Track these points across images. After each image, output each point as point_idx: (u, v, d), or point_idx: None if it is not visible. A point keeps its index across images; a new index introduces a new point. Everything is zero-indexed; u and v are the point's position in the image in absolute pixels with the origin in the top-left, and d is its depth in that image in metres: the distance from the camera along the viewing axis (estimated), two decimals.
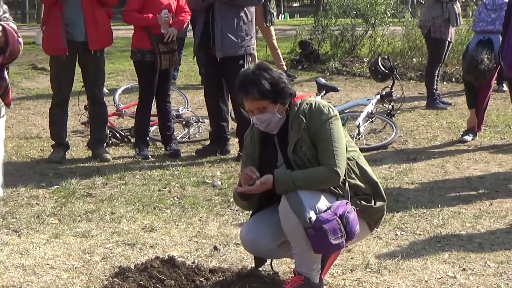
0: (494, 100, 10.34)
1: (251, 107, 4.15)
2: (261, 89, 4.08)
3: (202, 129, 8.85)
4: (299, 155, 4.09)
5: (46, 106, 10.04)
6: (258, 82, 4.09)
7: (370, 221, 4.35)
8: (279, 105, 4.14)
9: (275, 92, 4.11)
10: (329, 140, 4.07)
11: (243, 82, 4.13)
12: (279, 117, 4.16)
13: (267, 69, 4.18)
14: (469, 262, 4.81)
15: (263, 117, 4.14)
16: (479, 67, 7.69)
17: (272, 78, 4.13)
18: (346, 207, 4.04)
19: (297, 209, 3.96)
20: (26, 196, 6.36)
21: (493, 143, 8.26)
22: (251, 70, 4.18)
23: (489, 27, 8.11)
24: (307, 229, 3.95)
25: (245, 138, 4.41)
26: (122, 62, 14.22)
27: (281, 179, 4.05)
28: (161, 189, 6.62)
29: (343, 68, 13.62)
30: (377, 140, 8.50)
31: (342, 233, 3.98)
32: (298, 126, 4.08)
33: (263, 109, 4.12)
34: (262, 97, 4.09)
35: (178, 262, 4.55)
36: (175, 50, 7.68)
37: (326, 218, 3.94)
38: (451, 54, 11.76)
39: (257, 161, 4.27)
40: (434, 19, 10.25)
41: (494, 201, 6.18)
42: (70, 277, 4.56)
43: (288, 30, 18.02)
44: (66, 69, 7.45)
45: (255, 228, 4.27)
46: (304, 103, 4.16)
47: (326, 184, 4.10)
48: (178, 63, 7.97)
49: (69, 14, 7.28)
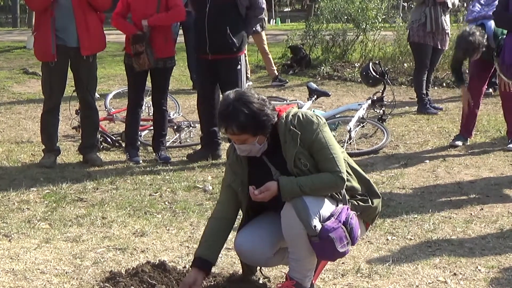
0: (485, 105, 10.36)
1: (232, 138, 4.12)
2: (240, 124, 3.98)
3: (193, 133, 8.85)
4: (299, 167, 4.07)
5: (37, 110, 10.04)
6: (237, 117, 3.97)
7: (367, 220, 4.38)
8: (259, 136, 4.08)
9: (255, 126, 4.02)
10: (327, 148, 4.07)
11: (223, 114, 4.02)
12: (259, 146, 4.11)
13: (247, 101, 4.01)
14: (460, 267, 4.82)
15: (243, 147, 4.11)
16: (470, 38, 7.66)
17: (252, 112, 3.98)
18: (348, 213, 4.06)
19: (303, 216, 3.95)
20: (16, 201, 6.34)
21: (484, 148, 8.27)
22: (230, 100, 4.02)
23: (481, 14, 8.10)
24: (312, 237, 3.96)
25: (228, 157, 4.36)
26: (113, 67, 14.21)
27: (288, 185, 4.02)
28: (152, 194, 6.61)
29: (334, 73, 13.63)
30: (368, 145, 8.51)
31: (348, 240, 4.02)
32: (293, 139, 4.05)
33: (243, 141, 4.08)
34: (240, 132, 4.01)
35: (169, 267, 4.55)
36: (139, 53, 7.50)
37: (332, 227, 3.95)
38: (442, 59, 11.76)
39: (247, 179, 4.22)
40: (413, 23, 10.34)
41: (485, 206, 6.19)
42: (61, 282, 4.55)
43: (280, 35, 18.04)
44: (57, 74, 7.42)
45: (251, 237, 4.23)
46: (289, 115, 4.12)
47: (332, 190, 4.11)
48: (148, 65, 7.53)
49: (61, 20, 7.26)
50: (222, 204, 4.35)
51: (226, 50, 7.62)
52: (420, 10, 10.23)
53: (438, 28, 10.19)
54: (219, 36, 7.54)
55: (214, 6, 7.53)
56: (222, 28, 7.55)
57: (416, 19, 10.26)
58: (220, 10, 7.54)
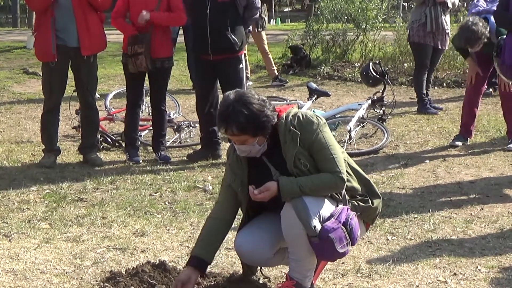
0: (485, 105, 10.37)
1: (231, 138, 4.13)
2: (240, 125, 3.98)
3: (193, 133, 8.85)
4: (299, 167, 4.06)
5: (37, 110, 10.04)
6: (237, 118, 3.97)
7: (368, 220, 4.38)
8: (259, 137, 4.08)
9: (255, 127, 4.01)
10: (327, 149, 4.07)
11: (223, 115, 4.02)
12: (259, 147, 4.12)
13: (247, 103, 4.00)
14: (460, 267, 4.82)
15: (242, 148, 4.11)
16: (473, 28, 7.63)
17: (252, 113, 3.98)
18: (348, 214, 4.06)
19: (303, 217, 3.95)
20: (17, 201, 6.34)
21: (484, 148, 8.27)
22: (230, 101, 4.02)
23: (485, 8, 8.08)
24: (312, 237, 3.95)
25: (228, 157, 4.37)
26: (113, 67, 14.20)
27: (287, 185, 4.02)
28: (152, 194, 6.61)
29: (334, 73, 13.62)
30: (368, 145, 8.51)
31: (348, 241, 4.02)
32: (293, 139, 4.05)
33: (243, 142, 4.08)
34: (240, 133, 4.02)
35: (169, 267, 4.55)
36: (138, 53, 7.48)
37: (331, 227, 3.95)
38: (442, 59, 11.76)
39: (246, 180, 4.22)
40: (413, 23, 10.34)
41: (485, 206, 6.19)
42: (61, 282, 4.55)
43: (280, 35, 18.04)
44: (57, 74, 7.42)
45: (251, 237, 4.23)
46: (289, 116, 4.12)
47: (332, 190, 4.11)
48: (145, 67, 7.49)
49: (61, 20, 7.26)
50: (221, 204, 4.35)
51: (228, 49, 7.62)
52: (420, 10, 10.24)
53: (438, 28, 10.19)
54: (220, 36, 7.55)
55: (215, 7, 7.53)
56: (223, 28, 7.56)
57: (416, 19, 10.27)
58: (221, 10, 7.54)
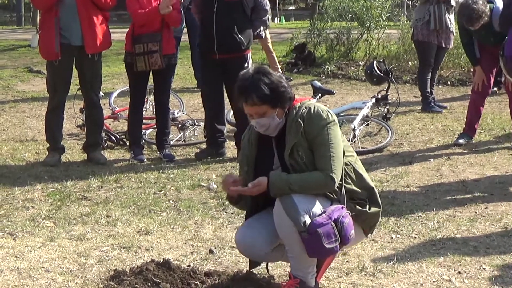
0: (490, 103, 10.34)
1: (250, 112, 4.14)
2: (260, 94, 4.05)
3: (198, 132, 8.85)
4: (296, 159, 4.08)
5: (41, 109, 10.05)
6: (257, 87, 4.05)
7: (364, 227, 4.33)
8: (278, 109, 4.12)
9: (274, 97, 4.08)
10: (327, 146, 4.06)
11: (242, 87, 4.10)
12: (278, 121, 4.14)
13: (266, 73, 4.12)
14: (464, 265, 4.82)
15: (262, 121, 4.13)
16: (473, 6, 7.58)
17: (271, 82, 4.08)
18: (341, 212, 4.04)
19: (291, 213, 3.96)
20: (21, 199, 6.35)
21: (488, 146, 8.26)
22: (250, 73, 4.13)
23: None
24: (302, 233, 3.95)
25: (243, 138, 4.41)
26: (117, 65, 14.19)
27: (276, 182, 4.04)
28: (156, 192, 6.62)
29: (338, 72, 13.61)
30: (372, 144, 8.50)
31: (337, 237, 3.98)
32: (296, 130, 4.07)
33: (263, 114, 4.11)
34: (261, 102, 4.07)
35: (173, 265, 4.55)
36: (153, 51, 7.50)
37: (320, 222, 3.94)
38: (446, 57, 11.74)
39: (252, 163, 4.27)
40: (417, 22, 10.33)
41: (490, 205, 6.18)
42: (65, 280, 4.56)
43: (284, 33, 18.04)
44: (62, 73, 7.43)
45: (250, 232, 4.25)
46: (303, 106, 4.14)
47: (321, 190, 4.09)
48: (159, 65, 7.52)
49: (65, 19, 7.27)
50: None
51: (234, 49, 7.61)
52: (424, 9, 10.23)
53: (442, 26, 10.17)
54: (226, 35, 7.54)
55: (222, 6, 7.52)
56: (229, 27, 7.55)
57: (420, 18, 10.25)
58: (228, 9, 7.53)
